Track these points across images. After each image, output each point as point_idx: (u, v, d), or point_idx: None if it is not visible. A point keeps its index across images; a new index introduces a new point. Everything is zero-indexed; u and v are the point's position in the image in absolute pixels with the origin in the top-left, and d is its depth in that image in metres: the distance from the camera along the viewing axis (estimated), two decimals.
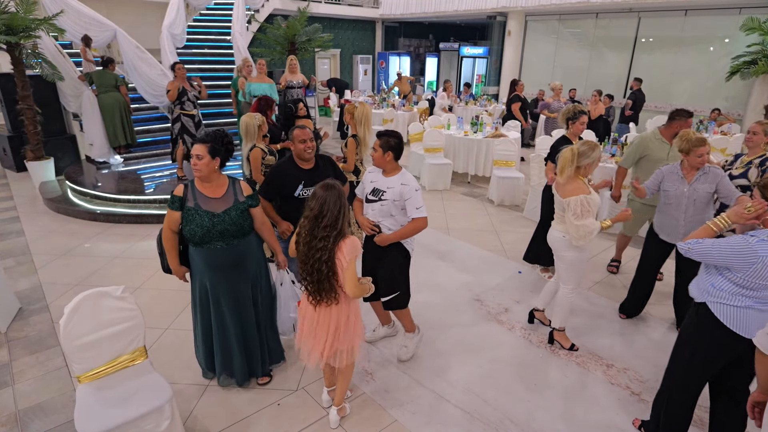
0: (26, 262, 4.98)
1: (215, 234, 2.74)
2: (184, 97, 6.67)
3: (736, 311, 2.27)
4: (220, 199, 2.80)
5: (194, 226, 2.71)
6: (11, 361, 3.44)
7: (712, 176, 3.54)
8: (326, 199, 2.40)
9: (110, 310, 2.44)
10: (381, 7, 17.13)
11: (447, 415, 3.01)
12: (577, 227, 3.22)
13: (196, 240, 2.74)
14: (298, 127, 3.28)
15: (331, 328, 2.57)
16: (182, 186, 2.78)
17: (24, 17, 6.67)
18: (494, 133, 8.22)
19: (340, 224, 2.41)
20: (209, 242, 2.76)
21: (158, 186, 6.99)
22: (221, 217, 2.75)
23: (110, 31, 8.39)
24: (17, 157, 8.02)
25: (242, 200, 2.85)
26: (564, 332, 3.72)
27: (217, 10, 12.48)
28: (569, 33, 14.22)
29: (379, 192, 3.15)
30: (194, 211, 2.72)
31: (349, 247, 2.44)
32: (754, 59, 9.30)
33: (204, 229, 2.71)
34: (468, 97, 13.34)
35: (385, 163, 3.14)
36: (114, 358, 2.47)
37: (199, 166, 2.68)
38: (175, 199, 2.73)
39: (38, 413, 2.96)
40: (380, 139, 3.11)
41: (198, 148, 2.68)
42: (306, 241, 2.45)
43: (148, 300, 4.24)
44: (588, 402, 3.15)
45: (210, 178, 2.77)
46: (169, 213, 2.76)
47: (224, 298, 2.90)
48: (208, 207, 2.74)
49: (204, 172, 2.71)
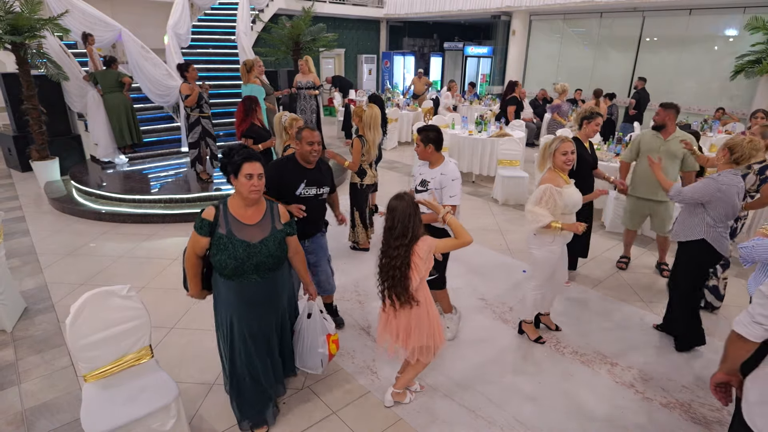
0: (32, 261, 5.00)
1: (249, 267, 2.41)
2: (201, 100, 6.63)
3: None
4: (256, 226, 2.45)
5: (226, 256, 2.36)
6: (17, 361, 3.45)
7: None
8: (396, 210, 2.58)
9: (116, 309, 2.44)
10: (385, 6, 17.13)
11: (452, 413, 3.00)
12: (528, 211, 3.27)
13: (227, 272, 2.41)
14: (308, 128, 3.24)
15: (407, 329, 2.71)
16: (213, 209, 2.41)
17: (29, 17, 6.69)
18: (499, 133, 8.21)
19: (410, 232, 2.53)
20: (242, 276, 2.43)
21: (163, 185, 7.01)
22: (257, 248, 2.41)
23: (115, 30, 8.42)
24: (22, 156, 8.05)
25: (280, 228, 2.52)
26: (531, 324, 3.79)
27: (221, 10, 12.50)
28: (574, 32, 14.20)
29: (426, 183, 3.42)
30: (226, 239, 2.36)
31: (423, 249, 2.56)
32: (758, 58, 9.27)
33: (237, 262, 2.37)
34: (472, 96, 13.33)
35: (428, 155, 3.40)
36: (120, 357, 2.48)
37: (259, 186, 2.38)
38: (204, 224, 2.37)
39: (44, 412, 2.97)
40: (420, 134, 3.36)
41: (258, 167, 2.36)
42: (384, 250, 2.62)
43: (153, 299, 4.25)
44: (593, 400, 3.14)
45: (259, 200, 2.49)
46: (195, 237, 2.41)
47: (253, 336, 2.59)
48: (242, 235, 2.39)
49: (260, 192, 2.42)
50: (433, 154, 3.38)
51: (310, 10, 11.08)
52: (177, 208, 6.30)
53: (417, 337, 2.71)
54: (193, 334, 3.78)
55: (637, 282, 4.77)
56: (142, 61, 8.21)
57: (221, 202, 2.45)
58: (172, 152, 8.58)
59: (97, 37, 8.21)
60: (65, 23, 7.50)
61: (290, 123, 4.44)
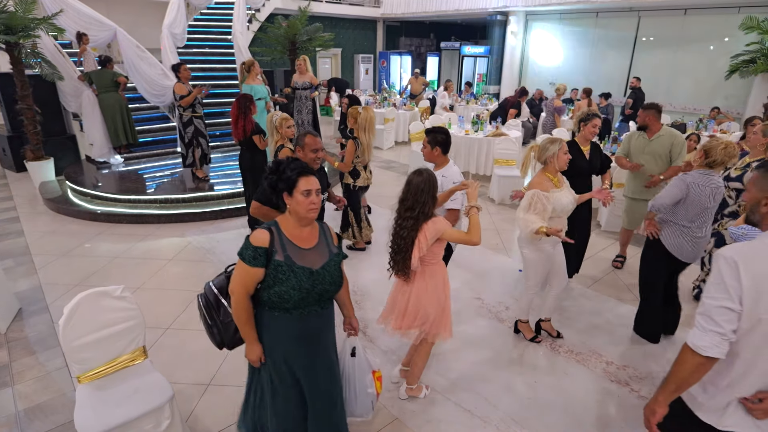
0: (26, 262, 4.97)
1: (314, 297, 2.10)
2: (195, 99, 6.69)
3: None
4: (314, 250, 2.14)
5: (288, 287, 2.01)
6: (11, 362, 3.43)
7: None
8: (411, 183, 2.65)
9: (110, 310, 2.44)
10: (382, 6, 17.13)
11: (447, 413, 3.00)
12: (518, 218, 3.28)
13: (287, 305, 2.06)
14: (310, 134, 3.13)
15: (404, 303, 2.82)
16: (265, 232, 2.04)
17: (23, 16, 6.66)
18: (495, 132, 8.22)
19: (418, 208, 2.62)
20: (304, 307, 2.10)
21: (159, 186, 6.99)
22: (321, 275, 2.10)
23: (110, 30, 8.39)
24: (17, 157, 8.01)
25: (335, 251, 2.23)
26: (527, 323, 3.80)
27: (217, 10, 12.46)
28: (570, 32, 14.22)
29: None
30: (287, 267, 2.02)
31: (431, 230, 2.63)
32: (753, 58, 9.30)
33: (302, 292, 2.04)
34: (469, 96, 13.34)
35: (435, 158, 3.41)
36: (114, 358, 2.47)
37: (318, 203, 2.08)
38: (260, 252, 2.00)
39: (38, 414, 2.96)
40: (428, 135, 3.37)
41: (315, 181, 2.08)
42: (395, 218, 2.75)
43: (148, 300, 4.23)
44: (588, 399, 3.15)
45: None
46: (246, 270, 2.01)
47: (307, 377, 2.21)
48: (303, 261, 2.07)
49: (318, 210, 2.13)
50: (439, 156, 3.40)
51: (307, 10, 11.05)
52: (173, 209, 6.28)
53: (410, 318, 2.80)
54: (189, 334, 3.77)
55: (633, 281, 4.76)
56: (138, 60, 8.18)
57: (272, 225, 2.10)
58: (167, 152, 8.55)
59: (92, 36, 8.19)
60: (60, 23, 7.45)
61: (281, 122, 4.46)
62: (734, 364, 1.63)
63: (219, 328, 2.21)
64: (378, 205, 6.81)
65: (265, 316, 2.13)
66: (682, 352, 1.66)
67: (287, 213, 2.12)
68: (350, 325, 2.52)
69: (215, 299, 2.23)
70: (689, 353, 1.63)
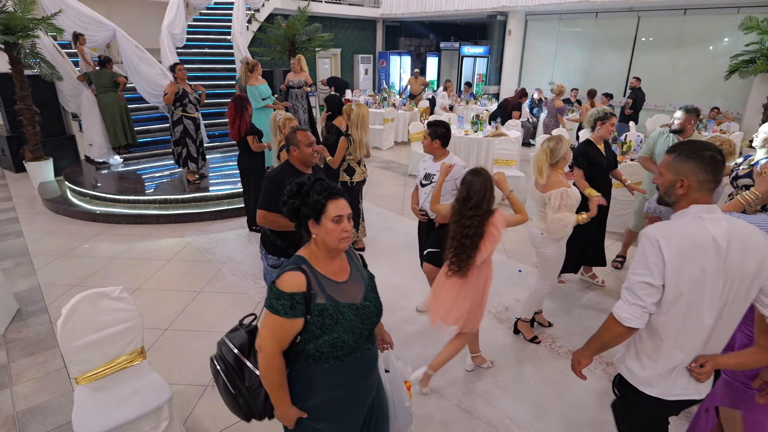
0: (25, 263, 4.96)
1: (365, 336, 1.78)
2: (185, 99, 6.60)
3: None
4: (350, 281, 1.81)
5: (340, 332, 1.68)
6: (9, 363, 3.42)
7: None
8: (473, 183, 2.76)
9: (108, 310, 2.43)
10: (381, 6, 17.13)
11: (447, 414, 3.00)
12: (552, 220, 3.27)
13: (340, 353, 1.70)
14: (300, 130, 3.04)
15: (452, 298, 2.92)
16: (298, 274, 1.68)
17: (22, 17, 6.65)
18: (494, 132, 8.21)
19: (485, 205, 2.76)
20: (357, 350, 1.76)
21: (158, 186, 6.98)
22: (366, 308, 1.78)
23: (109, 30, 8.38)
24: (16, 157, 8.01)
25: (367, 274, 1.92)
26: (527, 323, 3.81)
27: (217, 10, 12.46)
28: (569, 32, 14.22)
29: (431, 176, 3.59)
30: (333, 309, 1.68)
31: (500, 220, 2.80)
32: (752, 58, 9.31)
33: (355, 335, 1.72)
34: (468, 96, 13.34)
35: (434, 149, 3.58)
36: (112, 359, 2.46)
37: (350, 230, 1.76)
38: (298, 300, 1.64)
39: (36, 415, 2.95)
40: (429, 128, 3.54)
41: (346, 205, 1.75)
42: (455, 219, 2.83)
43: (147, 301, 4.23)
44: (588, 399, 3.14)
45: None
46: (281, 324, 1.64)
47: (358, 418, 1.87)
48: (345, 298, 1.74)
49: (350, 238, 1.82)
50: (438, 149, 3.56)
51: (306, 10, 11.06)
52: (172, 209, 6.28)
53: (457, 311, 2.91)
54: (188, 335, 3.76)
55: None
56: (137, 60, 8.17)
57: (301, 262, 1.74)
58: (166, 152, 8.52)
59: (91, 36, 8.18)
60: (59, 23, 7.45)
61: (284, 122, 4.45)
62: (664, 337, 1.78)
63: (246, 398, 1.79)
64: (376, 205, 6.80)
65: (310, 371, 1.73)
66: (608, 321, 1.82)
67: (312, 244, 1.76)
68: (383, 340, 2.24)
69: (236, 362, 1.83)
70: (614, 322, 1.78)
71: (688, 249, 1.66)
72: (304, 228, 1.78)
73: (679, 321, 1.73)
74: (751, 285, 1.69)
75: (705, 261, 1.65)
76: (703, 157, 1.71)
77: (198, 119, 6.91)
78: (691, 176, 1.72)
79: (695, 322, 1.73)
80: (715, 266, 1.65)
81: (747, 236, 1.68)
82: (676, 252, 1.66)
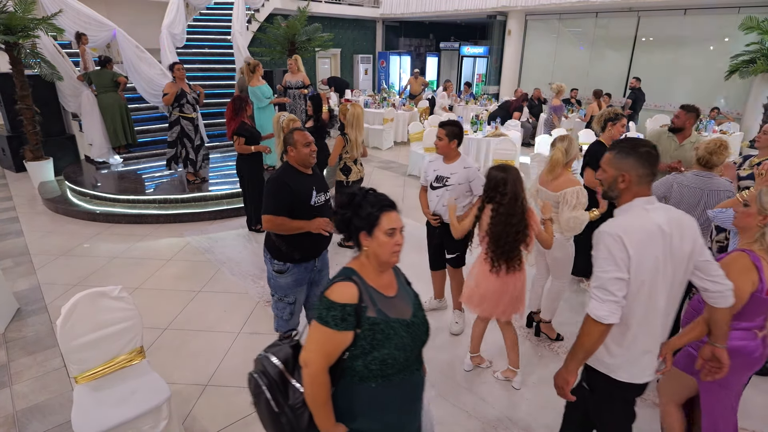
0: (25, 262, 4.97)
1: (415, 356, 1.71)
2: (183, 99, 6.56)
3: None
4: (398, 297, 1.74)
5: (391, 348, 1.59)
6: (9, 362, 3.43)
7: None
8: (514, 180, 2.80)
9: (108, 310, 2.44)
10: (381, 6, 17.13)
11: (446, 413, 3.00)
12: (569, 218, 3.28)
13: (390, 371, 1.61)
14: (298, 130, 2.94)
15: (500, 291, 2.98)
16: (351, 285, 1.63)
17: (22, 17, 6.66)
18: (494, 132, 8.22)
19: (521, 196, 2.82)
20: (406, 369, 1.67)
21: (158, 186, 6.98)
22: (416, 325, 1.70)
23: (109, 30, 8.38)
24: (16, 157, 8.02)
25: (412, 291, 1.85)
26: (550, 324, 3.81)
27: (217, 10, 12.46)
28: (569, 32, 14.23)
29: (443, 178, 3.45)
30: (384, 324, 1.61)
31: (534, 214, 2.90)
32: (753, 58, 9.30)
33: (406, 353, 1.64)
34: (468, 96, 13.36)
35: (450, 150, 3.43)
36: (111, 359, 2.47)
37: (402, 243, 1.70)
38: (349, 311, 1.57)
39: (36, 414, 2.95)
40: (445, 128, 3.37)
41: (399, 217, 1.70)
42: (504, 221, 2.82)
43: (147, 300, 4.23)
44: None
45: None
46: (330, 337, 1.56)
47: None
48: (395, 313, 1.67)
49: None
50: (454, 149, 3.45)
51: (306, 10, 11.06)
52: (171, 209, 6.28)
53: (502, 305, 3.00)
54: (187, 335, 3.77)
55: None
56: (137, 60, 8.18)
57: (352, 273, 1.69)
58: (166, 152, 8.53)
59: (91, 36, 8.18)
60: (59, 23, 7.46)
61: (287, 124, 4.44)
62: (631, 324, 1.88)
63: (289, 417, 1.66)
64: None
65: (357, 390, 1.63)
66: (586, 324, 1.85)
67: (363, 256, 1.71)
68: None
69: (280, 377, 1.72)
70: (593, 324, 1.82)
71: (645, 239, 1.78)
72: (353, 240, 1.72)
73: (642, 307, 1.85)
74: (688, 264, 1.86)
75: (657, 249, 1.79)
76: (641, 152, 1.83)
77: (196, 120, 6.89)
78: (631, 171, 1.84)
79: (654, 306, 1.86)
80: (664, 252, 1.80)
81: (681, 220, 1.85)
82: (637, 244, 1.77)
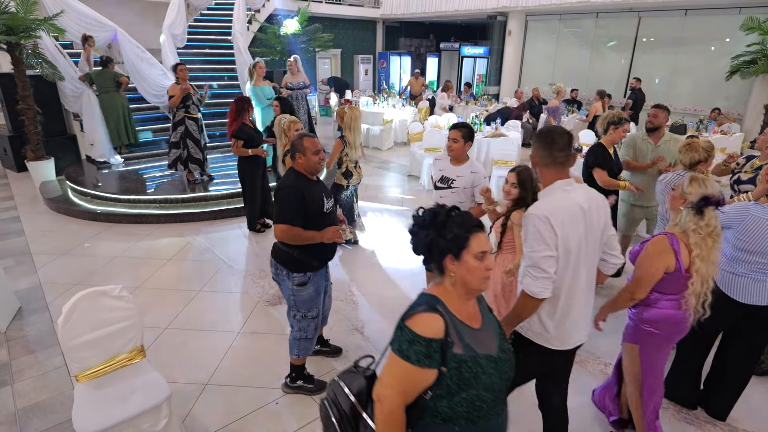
0: (26, 261, 4.99)
1: (503, 395, 1.55)
2: (188, 100, 6.54)
3: (733, 278, 2.73)
4: (484, 329, 1.55)
5: (480, 389, 1.43)
6: (10, 361, 3.45)
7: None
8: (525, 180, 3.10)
9: (108, 309, 2.45)
10: (381, 7, 17.13)
11: None
12: None
13: (477, 413, 1.44)
14: (307, 136, 2.83)
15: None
16: (436, 317, 1.43)
17: (24, 17, 6.69)
18: (494, 133, 8.23)
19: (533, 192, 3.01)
20: (493, 410, 1.49)
21: (159, 186, 7.00)
22: (503, 361, 1.52)
23: (110, 30, 8.40)
24: (18, 156, 8.03)
25: (494, 319, 1.66)
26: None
27: (217, 10, 12.48)
28: (570, 33, 14.23)
29: (448, 180, 3.41)
30: (473, 361, 1.43)
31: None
32: (753, 59, 9.30)
33: (495, 393, 1.47)
34: (468, 96, 13.36)
35: (463, 153, 3.40)
36: (112, 357, 2.48)
37: (492, 267, 1.53)
38: (435, 347, 1.39)
39: (37, 412, 2.97)
40: (460, 130, 3.34)
41: (487, 239, 1.54)
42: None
43: (147, 299, 4.25)
44: (586, 401, 3.15)
45: None
46: (412, 374, 1.40)
47: None
48: (481, 348, 1.48)
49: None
50: (466, 151, 3.45)
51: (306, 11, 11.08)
52: (172, 209, 6.30)
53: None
54: (187, 334, 3.78)
55: None
56: (138, 61, 8.21)
57: (436, 303, 1.48)
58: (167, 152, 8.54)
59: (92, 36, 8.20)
60: (61, 23, 7.48)
61: (288, 125, 4.44)
62: (560, 295, 2.06)
63: None
64: (375, 205, 6.82)
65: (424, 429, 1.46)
66: (522, 299, 2.03)
67: (446, 283, 1.52)
68: None
69: (351, 410, 1.57)
70: (528, 299, 2.00)
71: (568, 218, 1.95)
72: (435, 263, 1.52)
73: (568, 280, 2.04)
74: (601, 237, 2.09)
75: (579, 225, 1.98)
76: (541, 135, 2.07)
77: (200, 120, 6.91)
78: (535, 154, 2.08)
79: (577, 278, 2.06)
80: (584, 228, 2.00)
81: (594, 198, 2.06)
82: (561, 223, 1.94)
